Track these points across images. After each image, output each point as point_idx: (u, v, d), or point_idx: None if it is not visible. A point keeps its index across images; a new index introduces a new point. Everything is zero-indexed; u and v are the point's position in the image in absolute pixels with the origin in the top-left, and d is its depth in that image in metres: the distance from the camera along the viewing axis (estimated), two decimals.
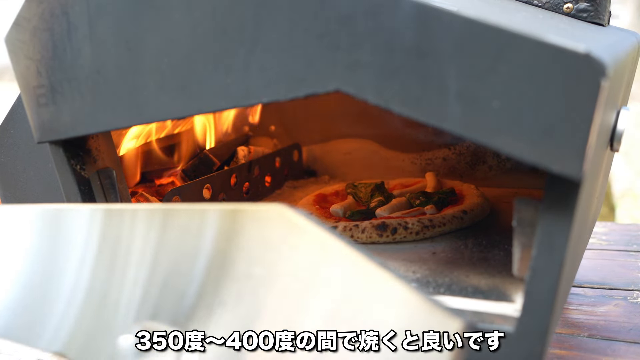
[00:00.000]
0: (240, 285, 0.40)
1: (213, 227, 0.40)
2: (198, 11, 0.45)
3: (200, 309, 0.41)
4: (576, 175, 0.36)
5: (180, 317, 0.42)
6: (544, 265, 0.41)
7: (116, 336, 0.43)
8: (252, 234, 0.39)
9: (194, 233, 0.41)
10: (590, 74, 0.34)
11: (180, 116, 0.49)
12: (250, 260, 0.39)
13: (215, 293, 0.41)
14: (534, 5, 0.65)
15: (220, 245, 0.40)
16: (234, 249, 0.40)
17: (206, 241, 0.40)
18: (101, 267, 0.43)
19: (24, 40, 0.53)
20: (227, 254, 0.40)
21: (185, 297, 0.42)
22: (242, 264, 0.39)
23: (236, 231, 0.39)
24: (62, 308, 0.45)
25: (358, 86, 0.41)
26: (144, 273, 0.42)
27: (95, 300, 0.43)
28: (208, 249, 0.40)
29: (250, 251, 0.39)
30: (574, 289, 0.87)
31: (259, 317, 0.40)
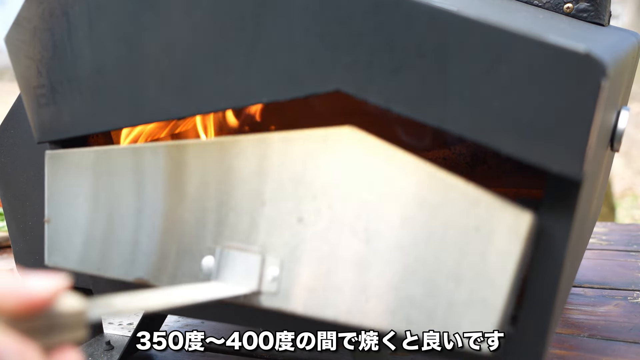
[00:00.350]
0: (317, 203, 0.43)
1: (278, 151, 0.44)
2: (198, 11, 0.45)
3: (278, 226, 0.44)
4: (576, 175, 0.36)
5: (260, 235, 0.45)
6: (544, 265, 0.41)
7: (198, 259, 0.47)
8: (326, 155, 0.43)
9: (258, 160, 0.45)
10: (590, 74, 0.34)
11: (180, 116, 0.49)
12: (326, 179, 0.43)
13: (293, 211, 0.44)
14: (534, 5, 0.65)
15: (296, 166, 0.43)
16: (309, 170, 0.43)
17: (273, 166, 0.44)
18: (174, 196, 0.48)
19: (24, 40, 0.53)
20: (302, 175, 0.43)
21: (259, 218, 0.45)
22: (317, 183, 0.43)
23: (309, 153, 0.43)
24: (140, 238, 0.50)
25: (358, 86, 0.41)
26: (215, 200, 0.46)
27: (172, 227, 0.48)
28: (277, 172, 0.44)
29: (324, 170, 0.43)
30: (574, 289, 0.87)
31: (337, 230, 0.43)
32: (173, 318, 0.82)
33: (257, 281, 0.45)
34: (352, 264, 0.43)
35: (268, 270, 0.45)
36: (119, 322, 0.83)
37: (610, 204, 2.60)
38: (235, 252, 0.46)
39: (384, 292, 0.42)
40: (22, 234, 0.70)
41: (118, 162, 0.50)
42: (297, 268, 0.44)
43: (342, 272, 0.43)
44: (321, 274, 0.43)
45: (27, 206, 0.68)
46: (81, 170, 0.52)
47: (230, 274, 0.46)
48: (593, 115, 0.35)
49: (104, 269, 0.52)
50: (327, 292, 0.43)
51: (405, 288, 0.41)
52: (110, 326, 0.81)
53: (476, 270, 0.39)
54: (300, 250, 0.44)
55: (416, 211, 0.40)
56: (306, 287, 0.44)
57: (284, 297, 0.45)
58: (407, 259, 0.41)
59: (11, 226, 0.71)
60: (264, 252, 0.45)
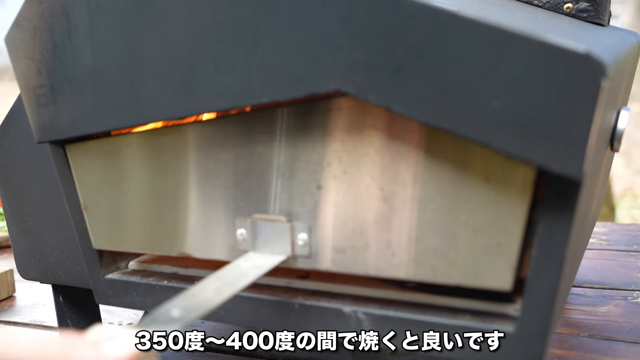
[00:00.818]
0: (331, 170, 0.46)
1: (285, 126, 0.47)
2: (198, 11, 0.45)
3: (299, 195, 0.48)
4: (576, 175, 0.36)
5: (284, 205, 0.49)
6: (544, 265, 0.41)
7: (233, 231, 0.51)
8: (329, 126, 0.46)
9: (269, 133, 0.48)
10: (590, 74, 0.34)
11: (180, 116, 0.49)
12: (335, 147, 0.46)
13: (310, 180, 0.47)
14: (534, 5, 0.65)
15: (305, 136, 0.47)
16: (317, 139, 0.46)
17: (283, 138, 0.47)
18: (199, 174, 0.52)
19: (24, 40, 0.54)
20: (312, 144, 0.47)
21: (280, 189, 0.49)
22: (328, 151, 0.46)
23: (314, 124, 0.46)
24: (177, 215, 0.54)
25: (358, 86, 0.41)
26: (237, 174, 0.50)
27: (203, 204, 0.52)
28: (289, 143, 0.48)
29: (332, 138, 0.46)
30: (574, 289, 0.87)
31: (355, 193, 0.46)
32: None
33: (290, 247, 0.49)
34: (374, 222, 0.46)
35: (298, 237, 0.48)
36: (119, 322, 0.83)
37: (610, 204, 2.60)
38: (264, 223, 0.49)
39: (407, 245, 0.45)
40: (22, 234, 0.70)
41: (140, 147, 0.54)
42: (324, 231, 0.48)
43: (366, 231, 0.46)
44: (347, 235, 0.47)
45: (27, 206, 0.68)
46: (104, 158, 0.55)
47: (263, 243, 0.50)
48: (593, 115, 0.35)
49: (148, 248, 0.56)
50: (355, 250, 0.47)
51: (427, 240, 0.44)
52: (111, 326, 0.81)
53: (489, 219, 0.42)
54: (324, 215, 0.47)
55: (425, 169, 0.43)
56: (335, 247, 0.48)
57: (315, 258, 0.49)
58: (425, 213, 0.44)
59: (11, 226, 0.71)
60: (291, 221, 0.48)
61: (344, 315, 0.48)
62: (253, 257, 0.50)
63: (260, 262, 0.49)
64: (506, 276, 0.43)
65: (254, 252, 0.51)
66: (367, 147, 0.45)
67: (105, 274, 0.60)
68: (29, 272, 0.71)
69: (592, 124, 0.35)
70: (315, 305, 0.49)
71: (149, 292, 0.57)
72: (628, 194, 3.48)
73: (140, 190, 0.55)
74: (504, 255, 0.42)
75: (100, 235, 0.59)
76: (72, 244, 0.66)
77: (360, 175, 0.46)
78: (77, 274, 0.67)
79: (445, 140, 0.42)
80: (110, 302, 0.60)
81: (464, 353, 0.45)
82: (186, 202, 0.53)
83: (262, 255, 0.50)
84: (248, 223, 0.50)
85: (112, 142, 0.55)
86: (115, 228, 0.58)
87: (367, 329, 0.48)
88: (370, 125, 0.45)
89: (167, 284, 0.56)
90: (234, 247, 0.52)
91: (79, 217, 0.59)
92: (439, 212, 0.44)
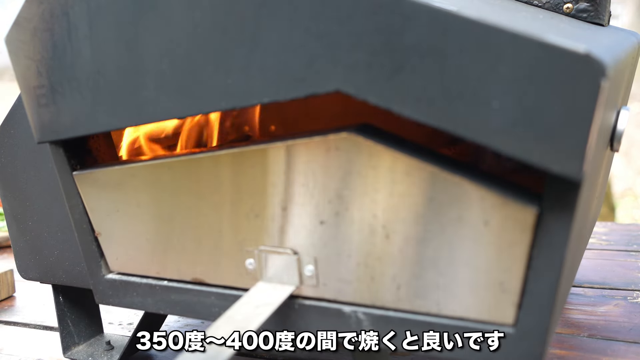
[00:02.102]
0: (333, 206, 0.47)
1: (284, 161, 0.48)
2: (198, 11, 0.45)
3: (303, 229, 0.49)
4: (576, 175, 0.36)
5: (289, 238, 0.50)
6: (544, 265, 0.41)
7: (242, 261, 0.52)
8: (331, 162, 0.46)
9: (271, 169, 0.49)
10: (590, 74, 0.34)
11: (180, 116, 0.49)
12: (336, 185, 0.46)
13: (313, 215, 0.48)
14: (534, 5, 0.65)
15: (307, 173, 0.47)
16: (319, 176, 0.47)
17: (283, 175, 0.48)
18: (211, 208, 0.52)
19: (24, 40, 0.54)
20: (313, 182, 0.47)
21: (284, 223, 0.50)
22: (329, 189, 0.47)
23: (314, 160, 0.47)
24: (188, 243, 0.55)
25: (358, 86, 0.41)
26: (243, 208, 0.51)
27: (212, 234, 0.53)
28: (290, 180, 0.48)
29: (332, 176, 0.46)
30: (574, 289, 0.87)
31: (357, 229, 0.47)
32: (173, 318, 0.82)
33: (298, 278, 0.50)
34: (378, 258, 0.46)
35: (306, 268, 0.49)
36: (119, 322, 0.83)
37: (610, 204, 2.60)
38: (272, 254, 0.50)
39: (411, 280, 0.46)
40: (22, 234, 0.70)
41: (147, 177, 0.54)
42: (330, 264, 0.48)
43: (371, 265, 0.47)
44: (352, 268, 0.48)
45: (27, 206, 0.69)
46: (111, 187, 0.56)
47: (273, 273, 0.51)
48: (593, 115, 0.35)
49: (163, 272, 0.57)
50: (361, 282, 0.48)
51: (430, 277, 0.45)
52: (111, 326, 0.81)
53: (490, 259, 0.43)
54: (328, 249, 0.48)
55: (426, 209, 0.44)
56: (341, 279, 0.48)
57: (323, 288, 0.49)
58: (427, 251, 0.45)
59: (11, 226, 0.71)
60: (297, 253, 0.49)
61: (344, 315, 0.48)
62: (263, 287, 0.51)
63: (270, 297, 0.49)
64: (508, 312, 0.43)
65: (263, 281, 0.52)
66: (367, 187, 0.45)
67: (105, 274, 0.60)
68: (29, 272, 0.71)
69: (592, 124, 0.35)
70: (315, 306, 0.49)
71: (149, 292, 0.57)
72: (628, 194, 3.49)
73: (151, 219, 0.55)
74: (506, 293, 0.43)
75: (115, 260, 0.59)
76: (72, 244, 0.66)
77: (361, 213, 0.46)
78: (77, 274, 0.67)
79: (444, 181, 0.43)
80: (110, 302, 0.60)
81: (464, 353, 0.45)
82: (198, 232, 0.53)
83: (271, 285, 0.51)
84: (256, 254, 0.51)
85: (120, 173, 0.56)
86: (129, 254, 0.58)
87: (367, 329, 0.48)
88: (369, 166, 0.45)
89: (167, 284, 0.56)
90: (244, 275, 0.53)
91: (79, 217, 0.59)
92: (440, 250, 0.44)
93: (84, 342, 0.74)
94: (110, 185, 0.56)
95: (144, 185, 0.54)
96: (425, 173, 0.43)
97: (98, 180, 0.57)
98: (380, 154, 0.44)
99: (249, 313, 0.47)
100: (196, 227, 0.53)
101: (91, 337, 0.75)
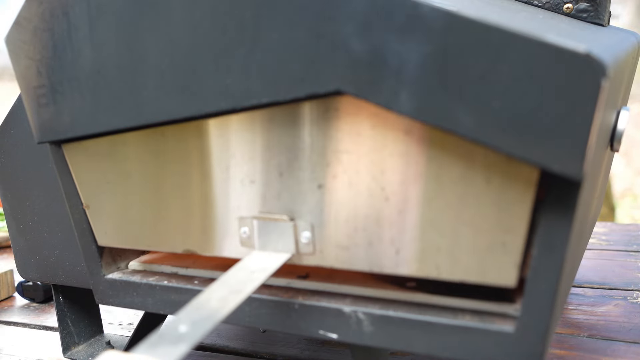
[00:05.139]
0: (332, 169, 0.46)
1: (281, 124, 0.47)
2: (198, 11, 0.45)
3: (301, 194, 0.48)
4: (576, 175, 0.36)
5: (286, 204, 0.49)
6: (544, 265, 0.41)
7: (237, 229, 0.51)
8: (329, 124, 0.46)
9: (266, 133, 0.48)
10: (590, 74, 0.34)
11: (180, 116, 0.49)
12: (334, 146, 0.46)
13: (311, 179, 0.47)
14: (534, 5, 0.65)
15: (304, 136, 0.47)
16: (316, 138, 0.46)
17: (281, 138, 0.47)
18: (205, 175, 0.51)
19: (24, 40, 0.54)
20: (310, 144, 0.46)
21: (281, 188, 0.49)
22: (327, 151, 0.46)
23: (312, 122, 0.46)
24: (180, 213, 0.54)
25: (358, 86, 0.41)
26: (237, 173, 0.50)
27: (209, 204, 0.52)
28: (287, 143, 0.47)
29: (330, 138, 0.46)
30: (574, 289, 0.87)
31: (356, 192, 0.46)
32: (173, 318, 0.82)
33: (294, 245, 0.49)
34: (376, 221, 0.46)
35: (302, 235, 0.48)
36: (119, 322, 0.83)
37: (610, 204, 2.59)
38: (267, 222, 0.49)
39: (411, 243, 0.45)
40: (22, 234, 0.70)
41: (137, 145, 0.53)
42: (327, 230, 0.48)
43: (369, 229, 0.46)
44: (349, 233, 0.47)
45: (27, 206, 0.69)
46: (101, 156, 0.55)
47: (267, 241, 0.50)
48: (593, 115, 0.35)
49: (155, 245, 0.56)
50: (358, 248, 0.47)
51: (430, 239, 0.45)
52: (110, 326, 0.81)
53: (493, 219, 0.42)
54: (326, 214, 0.47)
55: (426, 168, 0.43)
56: (338, 245, 0.48)
57: (320, 256, 0.49)
58: (427, 212, 0.44)
59: (11, 226, 0.71)
60: (294, 219, 0.48)
61: (344, 315, 0.48)
62: (258, 255, 0.50)
63: (265, 263, 0.49)
64: (510, 274, 0.43)
65: (258, 250, 0.51)
66: (365, 148, 0.45)
67: (106, 274, 0.60)
68: (29, 272, 0.71)
69: (592, 124, 0.35)
70: (315, 305, 0.49)
71: (149, 292, 0.57)
72: (628, 194, 3.48)
73: (143, 189, 0.55)
74: (508, 254, 0.42)
75: (103, 233, 0.59)
76: (72, 244, 0.66)
77: (360, 175, 0.46)
78: (77, 274, 0.67)
79: (445, 140, 0.42)
80: (110, 302, 0.60)
81: (465, 352, 0.45)
82: (190, 201, 0.53)
83: (266, 253, 0.50)
84: (251, 222, 0.51)
85: (110, 141, 0.55)
86: (119, 226, 0.58)
87: (368, 328, 0.48)
88: (368, 126, 0.45)
89: (167, 284, 0.56)
90: (239, 245, 0.52)
91: (79, 217, 0.59)
92: (441, 211, 0.44)
93: (84, 342, 0.74)
94: (100, 155, 0.55)
95: (134, 154, 0.54)
96: (425, 131, 0.43)
97: (87, 149, 0.56)
98: (379, 113, 0.44)
99: (244, 278, 0.46)
100: (187, 197, 0.53)
101: (91, 337, 0.75)
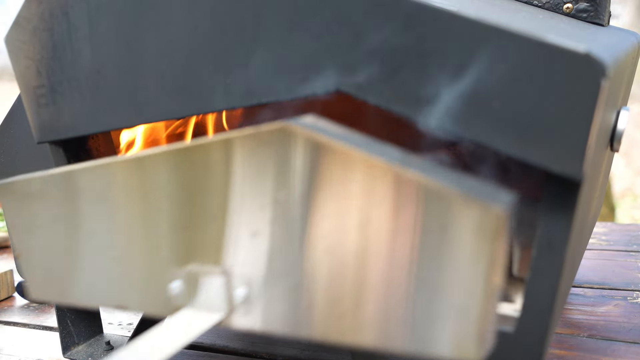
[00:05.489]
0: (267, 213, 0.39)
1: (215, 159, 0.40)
2: (198, 11, 0.45)
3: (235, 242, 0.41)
4: (576, 175, 0.36)
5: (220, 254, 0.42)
6: (544, 265, 0.41)
7: (166, 284, 0.44)
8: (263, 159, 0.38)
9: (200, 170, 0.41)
10: (590, 74, 0.34)
11: (180, 116, 0.49)
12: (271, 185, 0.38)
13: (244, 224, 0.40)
14: (534, 5, 0.65)
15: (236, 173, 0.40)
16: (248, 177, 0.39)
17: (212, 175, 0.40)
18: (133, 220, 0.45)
19: (24, 40, 0.53)
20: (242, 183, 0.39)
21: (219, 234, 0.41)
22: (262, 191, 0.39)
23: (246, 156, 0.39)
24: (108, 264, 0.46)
25: (358, 86, 0.41)
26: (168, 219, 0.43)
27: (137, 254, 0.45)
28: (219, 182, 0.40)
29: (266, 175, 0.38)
30: (574, 289, 0.87)
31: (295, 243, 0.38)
32: None
33: (227, 303, 0.41)
34: (319, 278, 0.38)
35: (236, 291, 0.41)
36: (119, 322, 0.83)
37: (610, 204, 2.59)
38: (200, 276, 0.42)
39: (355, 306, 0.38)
40: None
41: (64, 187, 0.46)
42: (265, 286, 0.40)
43: (311, 287, 0.38)
44: (286, 292, 0.39)
45: None
46: (32, 198, 0.48)
47: (200, 297, 0.42)
48: (593, 115, 0.35)
49: (86, 299, 0.49)
50: (299, 310, 0.39)
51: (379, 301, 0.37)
52: (110, 326, 0.81)
53: (449, 276, 0.34)
54: (263, 267, 0.40)
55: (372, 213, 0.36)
56: (274, 306, 0.40)
57: (257, 317, 0.41)
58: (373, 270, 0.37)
59: None
60: (227, 272, 0.41)
61: None
62: (185, 315, 0.43)
63: (190, 326, 0.41)
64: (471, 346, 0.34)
65: (189, 308, 0.43)
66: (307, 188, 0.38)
67: None
68: None
69: (592, 124, 0.35)
70: None
71: None
72: (628, 194, 3.49)
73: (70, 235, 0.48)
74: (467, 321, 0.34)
75: (35, 285, 0.51)
76: None
77: (297, 225, 0.38)
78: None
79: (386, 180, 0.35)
80: None
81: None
82: (118, 250, 0.46)
83: (196, 313, 0.43)
84: (183, 274, 0.43)
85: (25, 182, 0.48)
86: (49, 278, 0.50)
87: None
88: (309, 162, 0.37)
89: None
90: (169, 301, 0.44)
91: None
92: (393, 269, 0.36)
93: (83, 342, 0.74)
94: (31, 196, 0.48)
95: (64, 195, 0.47)
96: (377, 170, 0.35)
97: (17, 190, 0.49)
98: (322, 147, 0.36)
99: (153, 347, 0.39)
100: (117, 245, 0.46)
101: (91, 337, 0.75)
